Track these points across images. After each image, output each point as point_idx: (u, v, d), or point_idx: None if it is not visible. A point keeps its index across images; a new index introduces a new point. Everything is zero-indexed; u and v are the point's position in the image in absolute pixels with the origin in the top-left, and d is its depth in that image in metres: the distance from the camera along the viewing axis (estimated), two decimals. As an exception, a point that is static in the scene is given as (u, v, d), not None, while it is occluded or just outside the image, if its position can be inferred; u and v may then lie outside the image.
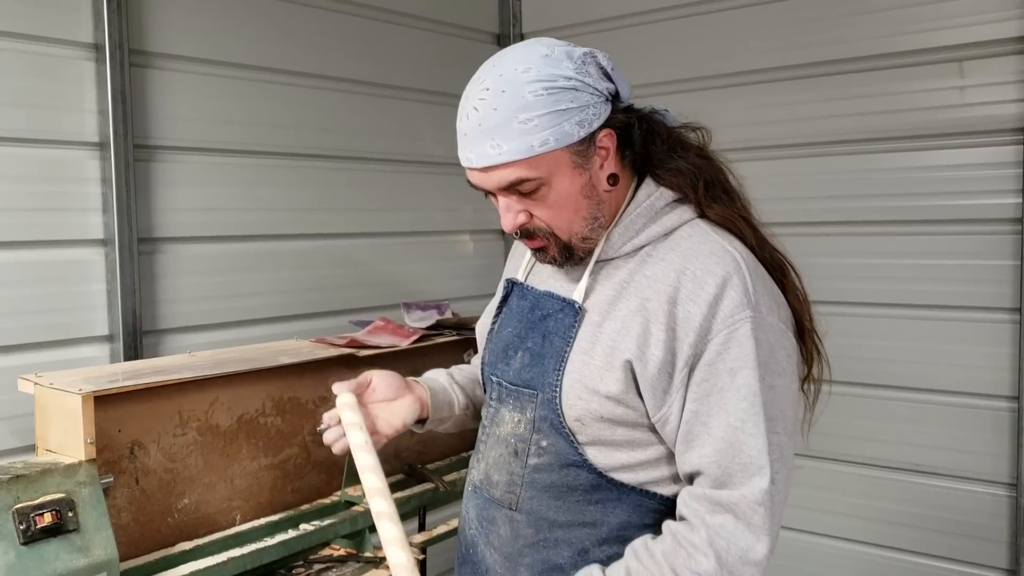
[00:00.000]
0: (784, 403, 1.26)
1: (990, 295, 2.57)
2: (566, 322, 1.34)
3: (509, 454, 1.38)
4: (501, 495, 1.39)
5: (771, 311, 1.27)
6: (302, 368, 2.05)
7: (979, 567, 2.66)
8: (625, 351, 1.27)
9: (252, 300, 2.58)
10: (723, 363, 1.23)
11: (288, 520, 1.99)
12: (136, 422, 1.75)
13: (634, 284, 1.31)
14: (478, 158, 1.26)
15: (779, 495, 1.23)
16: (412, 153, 3.02)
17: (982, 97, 2.52)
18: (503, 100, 1.22)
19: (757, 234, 1.36)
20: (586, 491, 1.32)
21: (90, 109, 2.19)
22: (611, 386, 1.27)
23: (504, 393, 1.41)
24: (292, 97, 2.67)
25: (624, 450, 1.31)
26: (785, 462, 1.25)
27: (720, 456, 1.23)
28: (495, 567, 1.41)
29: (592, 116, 1.25)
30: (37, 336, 2.11)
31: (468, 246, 3.34)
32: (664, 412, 1.27)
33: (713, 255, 1.27)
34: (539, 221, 1.31)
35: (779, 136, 2.84)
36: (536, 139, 1.22)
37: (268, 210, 2.61)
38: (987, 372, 2.59)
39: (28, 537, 1.45)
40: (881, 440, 2.78)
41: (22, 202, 2.09)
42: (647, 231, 1.33)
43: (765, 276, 1.31)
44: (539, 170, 1.25)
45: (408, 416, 1.51)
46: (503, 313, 1.50)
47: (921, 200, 2.66)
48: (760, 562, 1.22)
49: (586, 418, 1.30)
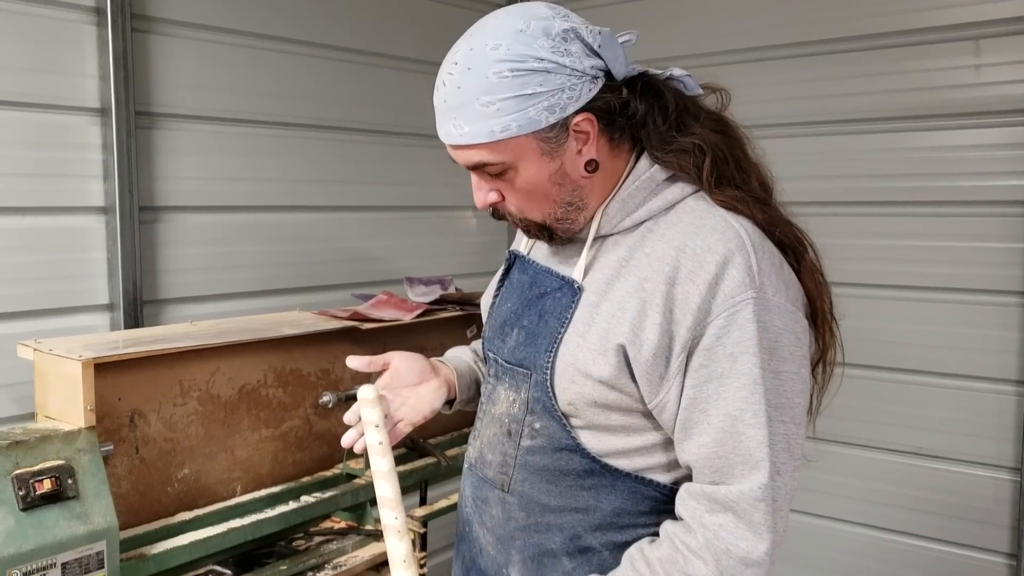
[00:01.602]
0: (792, 390, 1.19)
1: (999, 278, 2.55)
2: (563, 302, 1.29)
3: (503, 434, 1.34)
4: (494, 475, 1.36)
5: (778, 291, 1.19)
6: (305, 340, 2.03)
7: (981, 551, 2.65)
8: (619, 335, 1.20)
9: (253, 272, 2.55)
10: (723, 348, 1.16)
11: (289, 492, 1.98)
12: (136, 391, 1.73)
13: (633, 262, 1.24)
14: (444, 135, 1.23)
15: (784, 488, 1.17)
16: (415, 126, 2.98)
17: (998, 76, 2.49)
18: (467, 79, 1.16)
19: (769, 212, 1.27)
20: (579, 476, 1.28)
21: (91, 74, 2.16)
22: (603, 370, 1.21)
23: (501, 371, 1.37)
24: (297, 67, 2.63)
25: (619, 435, 1.26)
26: (792, 453, 1.18)
27: (719, 447, 1.17)
28: (488, 548, 1.38)
29: (567, 100, 1.17)
30: (37, 304, 2.09)
31: (471, 222, 3.31)
32: (661, 399, 1.21)
33: (715, 231, 1.20)
34: (510, 204, 1.27)
35: (788, 114, 2.81)
36: (497, 124, 1.16)
37: (271, 181, 2.58)
38: (994, 356, 2.58)
39: (27, 503, 1.43)
40: (884, 423, 2.77)
41: (22, 168, 2.06)
42: (647, 205, 1.26)
43: (773, 253, 1.23)
44: (502, 155, 1.20)
45: (436, 401, 1.46)
46: (504, 287, 1.46)
47: (932, 181, 2.63)
48: (761, 561, 1.16)
49: (579, 402, 1.25)
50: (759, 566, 1.16)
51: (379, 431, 1.32)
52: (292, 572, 1.81)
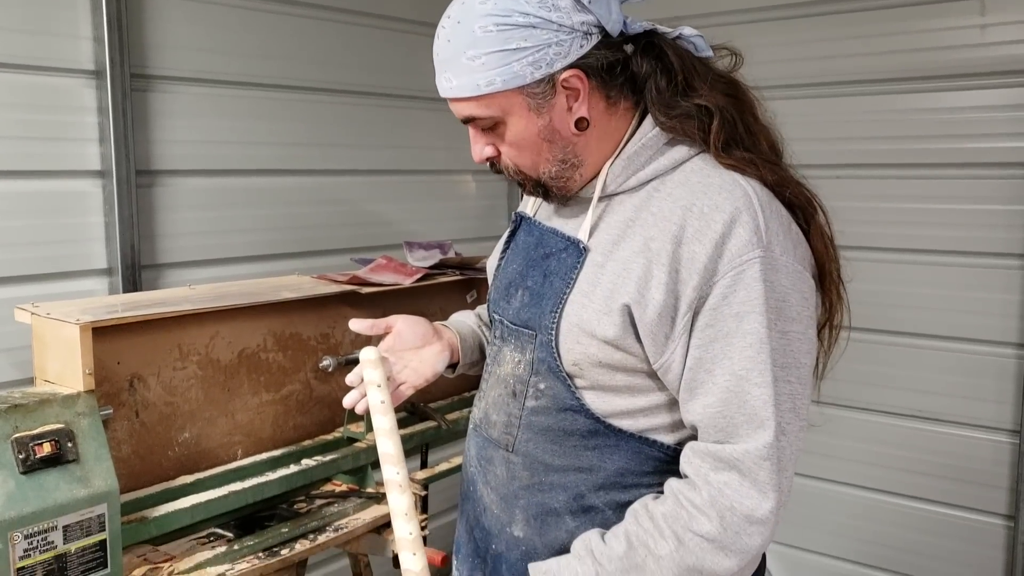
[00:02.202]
0: (798, 350, 1.18)
1: (1000, 240, 2.54)
2: (568, 263, 1.29)
3: (508, 395, 1.35)
4: (499, 436, 1.36)
5: (786, 251, 1.18)
6: (304, 304, 2.03)
7: (979, 512, 2.67)
8: (624, 294, 1.20)
9: (252, 236, 2.54)
10: (729, 307, 1.15)
11: (290, 455, 1.98)
12: (136, 355, 1.73)
13: (639, 222, 1.23)
14: (439, 87, 1.25)
15: (789, 448, 1.17)
16: (414, 88, 2.95)
17: (1004, 36, 2.46)
18: (456, 32, 1.18)
19: (779, 173, 1.26)
20: (583, 436, 1.28)
21: (85, 36, 2.13)
22: (608, 330, 1.21)
23: (506, 332, 1.37)
24: (294, 29, 2.60)
25: (623, 396, 1.26)
26: (798, 413, 1.18)
27: (724, 406, 1.16)
28: (492, 507, 1.39)
29: (554, 56, 1.17)
30: (35, 268, 2.08)
31: (470, 186, 3.29)
32: (666, 359, 1.20)
33: (723, 190, 1.19)
34: (506, 159, 1.28)
35: (791, 75, 2.78)
36: (482, 78, 1.18)
37: (269, 144, 2.56)
38: (994, 319, 2.58)
39: (27, 466, 1.43)
40: (884, 386, 2.77)
41: (16, 130, 2.03)
42: (654, 164, 1.25)
43: (782, 213, 1.22)
44: (490, 109, 1.21)
45: (438, 364, 1.47)
46: (510, 249, 1.45)
47: (934, 143, 2.61)
48: (765, 519, 1.16)
49: (584, 363, 1.25)
50: (763, 524, 1.16)
51: (381, 391, 1.32)
52: (293, 534, 1.82)
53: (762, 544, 1.18)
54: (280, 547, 1.78)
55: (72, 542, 1.48)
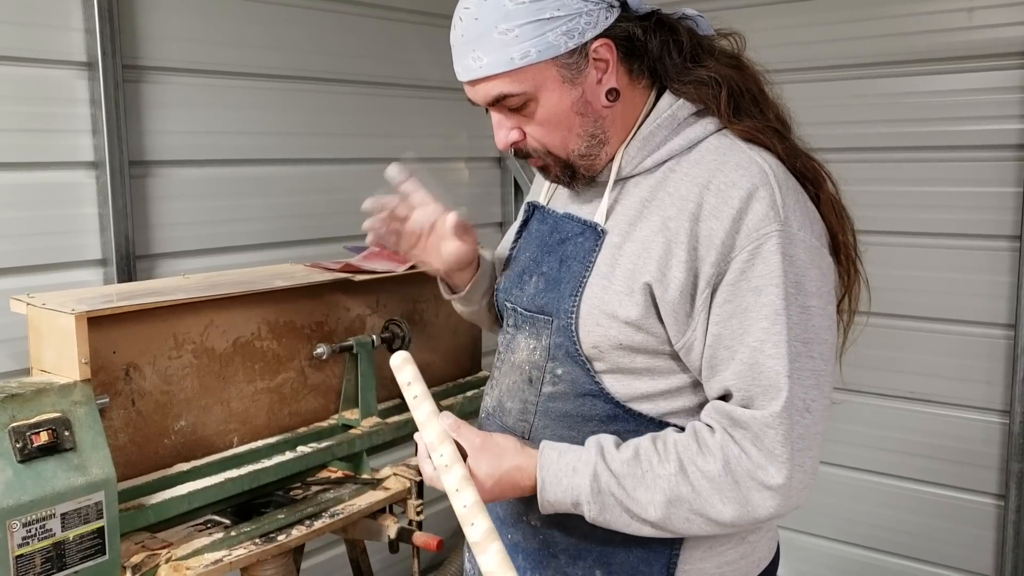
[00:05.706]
0: (820, 326, 1.17)
1: (990, 222, 2.55)
2: (586, 246, 1.28)
3: (523, 381, 1.34)
4: (514, 423, 1.35)
5: (803, 226, 1.18)
6: (297, 292, 2.04)
7: (970, 492, 2.70)
8: (645, 274, 1.20)
9: (245, 225, 2.55)
10: (747, 282, 1.15)
11: (285, 443, 2.00)
12: (131, 344, 1.74)
13: (656, 202, 1.24)
14: (463, 71, 1.23)
15: (813, 427, 1.16)
16: (406, 77, 2.96)
17: (991, 19, 2.47)
18: (484, 9, 1.17)
19: (788, 144, 1.27)
20: (602, 421, 1.27)
21: (77, 27, 2.13)
22: (630, 311, 1.21)
23: (520, 319, 1.37)
24: (287, 19, 2.60)
25: (644, 379, 1.25)
26: (822, 390, 1.17)
27: (739, 379, 1.16)
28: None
29: (585, 25, 1.18)
30: (29, 259, 2.09)
31: (463, 174, 3.30)
32: (688, 338, 1.20)
33: (739, 166, 1.19)
34: (533, 141, 1.27)
35: (779, 60, 2.77)
36: (516, 51, 1.17)
37: (260, 134, 2.57)
38: (984, 300, 2.59)
39: (25, 455, 1.45)
40: (874, 368, 2.79)
41: (9, 122, 2.04)
42: (669, 144, 1.26)
43: (798, 189, 1.23)
44: (523, 84, 1.20)
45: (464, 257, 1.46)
46: (523, 238, 1.45)
47: (923, 126, 2.62)
48: (775, 488, 1.15)
49: (604, 345, 1.24)
50: (771, 491, 1.15)
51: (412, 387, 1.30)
52: (290, 520, 1.83)
53: (768, 514, 1.17)
54: (277, 533, 1.80)
55: (70, 530, 1.49)
